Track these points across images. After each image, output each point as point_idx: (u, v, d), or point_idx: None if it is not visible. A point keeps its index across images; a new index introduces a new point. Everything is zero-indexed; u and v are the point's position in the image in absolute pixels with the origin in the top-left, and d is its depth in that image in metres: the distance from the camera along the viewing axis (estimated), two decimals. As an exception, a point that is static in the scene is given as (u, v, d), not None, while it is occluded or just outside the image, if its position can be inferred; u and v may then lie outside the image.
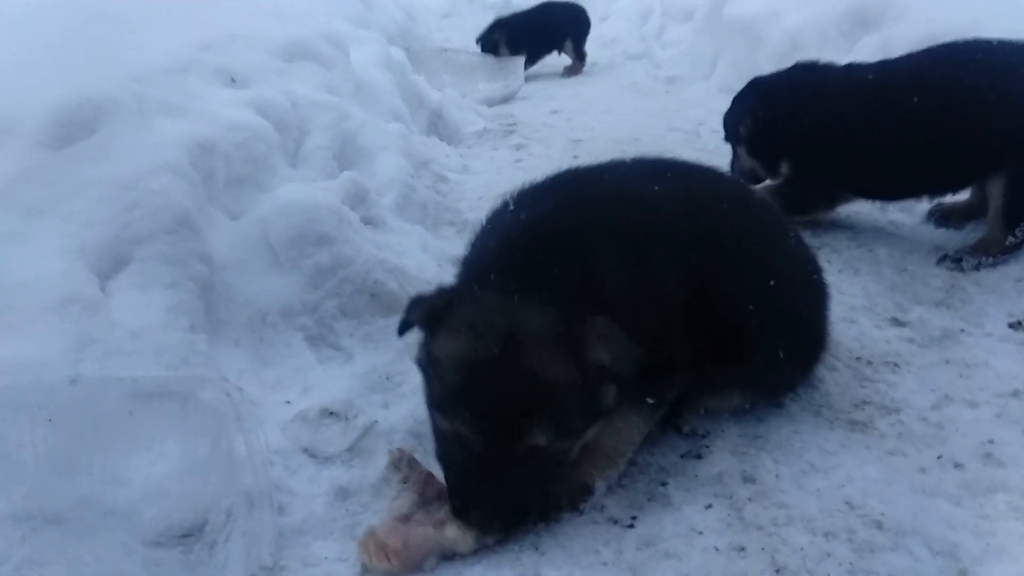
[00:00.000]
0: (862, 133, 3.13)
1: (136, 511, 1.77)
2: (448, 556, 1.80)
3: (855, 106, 3.14)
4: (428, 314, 1.81)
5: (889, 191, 3.34)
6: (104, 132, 2.64)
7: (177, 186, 2.52)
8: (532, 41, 8.25)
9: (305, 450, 2.22)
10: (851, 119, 3.16)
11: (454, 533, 1.79)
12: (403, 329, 1.88)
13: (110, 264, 2.34)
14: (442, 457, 1.85)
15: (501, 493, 1.73)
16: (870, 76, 3.18)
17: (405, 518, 1.88)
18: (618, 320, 1.77)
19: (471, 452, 1.72)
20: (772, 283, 2.13)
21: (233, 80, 3.50)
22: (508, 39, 8.08)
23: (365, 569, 1.82)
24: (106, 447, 1.76)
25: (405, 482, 1.97)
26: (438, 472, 1.92)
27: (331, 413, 2.33)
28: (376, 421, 2.32)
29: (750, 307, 2.09)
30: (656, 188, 2.10)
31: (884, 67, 3.23)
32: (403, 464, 2.02)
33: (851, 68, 3.32)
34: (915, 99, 3.00)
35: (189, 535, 1.74)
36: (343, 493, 2.08)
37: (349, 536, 1.93)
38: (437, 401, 1.79)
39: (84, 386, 1.74)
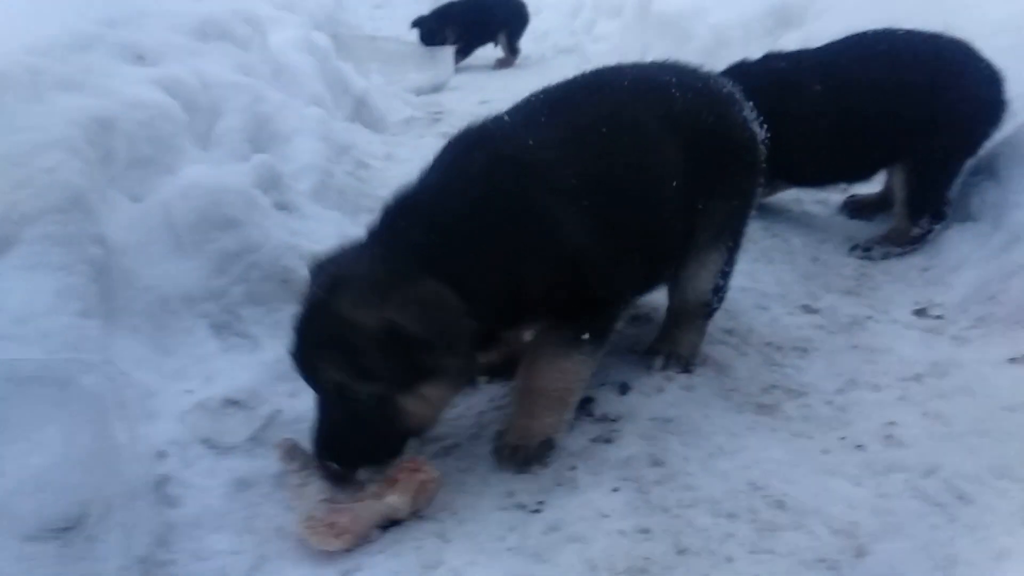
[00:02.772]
0: (777, 122, 3.17)
1: (11, 504, 1.65)
2: (385, 525, 1.83)
3: (770, 97, 3.17)
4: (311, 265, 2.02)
5: (805, 177, 3.40)
6: (-7, 105, 2.49)
7: (70, 164, 2.38)
8: (469, 32, 8.19)
9: (204, 440, 2.12)
10: (766, 109, 3.20)
11: (395, 500, 1.83)
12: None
13: (-6, 245, 2.20)
14: None
15: (336, 434, 1.86)
16: (783, 64, 3.23)
17: (331, 499, 1.83)
18: (482, 285, 1.86)
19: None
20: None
21: (141, 58, 3.35)
22: (457, 33, 7.98)
23: (262, 560, 1.76)
24: (-23, 436, 1.64)
25: (305, 469, 1.91)
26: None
27: (234, 402, 2.24)
28: (280, 410, 2.24)
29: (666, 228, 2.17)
30: (540, 137, 2.06)
31: (795, 58, 3.28)
32: (296, 452, 1.95)
33: (768, 59, 3.36)
34: (818, 87, 3.06)
35: (69, 528, 1.63)
36: (242, 484, 2.00)
37: (246, 529, 1.86)
38: None
39: (-49, 370, 1.62)
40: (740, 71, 3.40)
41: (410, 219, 1.95)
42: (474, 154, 2.06)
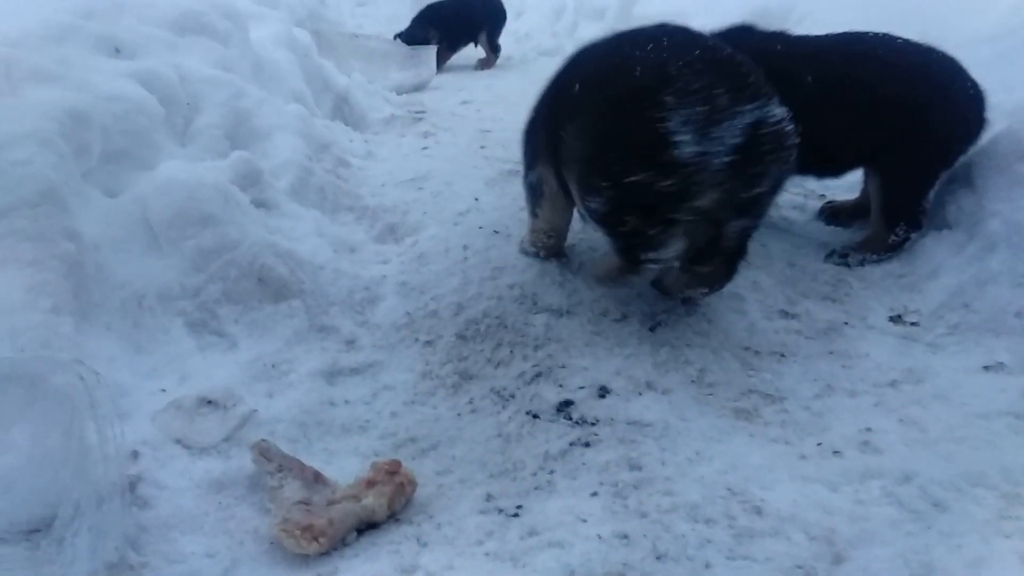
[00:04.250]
0: None
1: (-23, 506, 1.62)
2: (362, 528, 1.83)
3: None
4: None
5: None
6: (-37, 97, 2.44)
7: (43, 157, 2.34)
8: (451, 32, 8.15)
9: (178, 441, 2.09)
10: None
11: (371, 503, 1.83)
12: None
13: (-37, 240, 2.15)
14: None
15: None
16: (778, 47, 3.21)
17: (307, 502, 1.81)
18: None
19: None
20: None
21: (118, 51, 3.30)
22: (440, 36, 7.92)
23: (236, 563, 1.74)
24: (-57, 436, 1.60)
25: (280, 470, 1.89)
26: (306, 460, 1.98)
27: (209, 402, 2.21)
28: (256, 410, 2.21)
29: None
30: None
31: (790, 43, 3.27)
32: (271, 453, 1.93)
33: (766, 39, 3.31)
34: (808, 78, 3.06)
35: (36, 531, 1.61)
36: (217, 485, 1.97)
37: (220, 531, 1.83)
38: None
39: (-83, 367, 1.58)
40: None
41: None
42: None
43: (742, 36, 3.29)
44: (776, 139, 2.24)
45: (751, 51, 3.22)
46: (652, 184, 2.20)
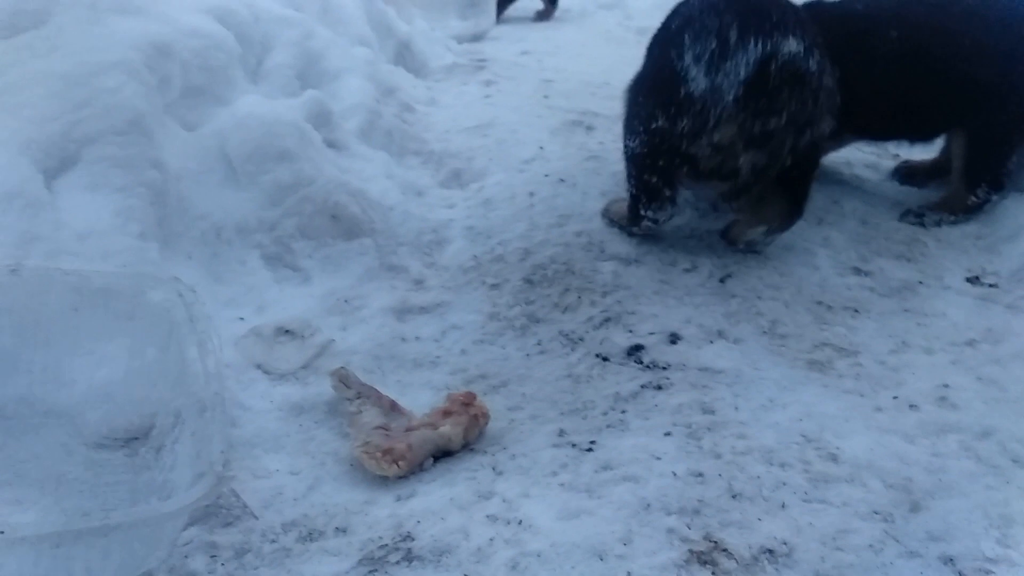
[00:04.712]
0: (844, 65, 3.00)
1: (79, 413, 1.70)
2: (437, 455, 1.87)
3: (840, 39, 3.01)
4: None
5: (866, 128, 3.28)
6: (54, 24, 2.49)
7: (131, 86, 2.38)
8: None
9: (258, 366, 2.15)
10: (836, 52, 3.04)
11: (448, 431, 1.86)
12: None
13: (57, 162, 2.21)
14: None
15: None
16: (859, 7, 3.10)
17: (386, 427, 1.86)
18: None
19: None
20: None
21: (193, -13, 3.33)
22: None
23: (319, 482, 1.80)
24: (48, 344, 1.67)
25: (359, 397, 1.93)
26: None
27: (287, 331, 2.27)
28: (333, 340, 2.26)
29: None
30: None
31: (870, 3, 3.14)
32: (351, 380, 1.98)
33: (845, 2, 3.21)
34: (894, 34, 2.95)
35: (135, 439, 1.68)
36: (296, 409, 2.03)
37: (302, 451, 1.89)
38: None
39: (26, 277, 1.64)
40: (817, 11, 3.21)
41: None
42: None
43: (817, 7, 3.16)
44: (788, 74, 2.31)
45: (830, 16, 3.12)
46: (673, 123, 2.40)
